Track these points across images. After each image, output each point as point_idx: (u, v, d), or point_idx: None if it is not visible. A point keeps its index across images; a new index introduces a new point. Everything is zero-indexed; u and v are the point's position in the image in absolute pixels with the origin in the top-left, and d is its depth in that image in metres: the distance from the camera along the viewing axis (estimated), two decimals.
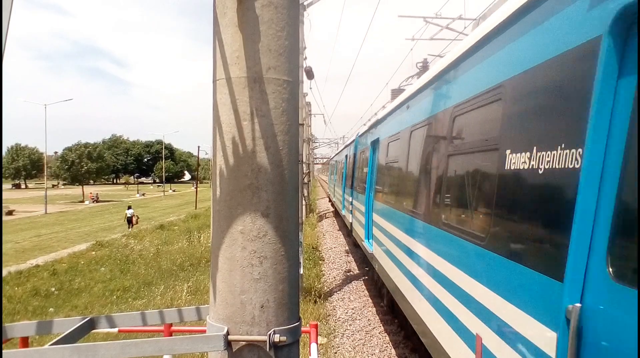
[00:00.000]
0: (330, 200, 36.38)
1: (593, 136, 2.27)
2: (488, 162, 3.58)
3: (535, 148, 2.79)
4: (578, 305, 2.22)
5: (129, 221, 29.65)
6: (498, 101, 3.47)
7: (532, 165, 2.82)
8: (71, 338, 2.68)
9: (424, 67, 11.13)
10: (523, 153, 2.97)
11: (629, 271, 2.02)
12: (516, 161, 3.05)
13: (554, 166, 2.59)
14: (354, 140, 16.72)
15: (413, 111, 6.62)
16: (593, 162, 2.24)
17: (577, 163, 2.35)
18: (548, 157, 2.65)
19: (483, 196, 3.64)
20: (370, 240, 9.85)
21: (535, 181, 2.79)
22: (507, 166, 3.17)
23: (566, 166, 2.46)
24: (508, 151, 3.16)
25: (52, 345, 2.44)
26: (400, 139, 7.39)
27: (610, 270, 2.08)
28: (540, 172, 2.73)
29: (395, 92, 11.70)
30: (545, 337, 2.51)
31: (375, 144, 10.51)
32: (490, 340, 3.24)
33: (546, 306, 2.53)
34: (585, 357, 2.21)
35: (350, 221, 15.45)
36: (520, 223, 2.98)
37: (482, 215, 3.60)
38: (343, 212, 18.49)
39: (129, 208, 31.14)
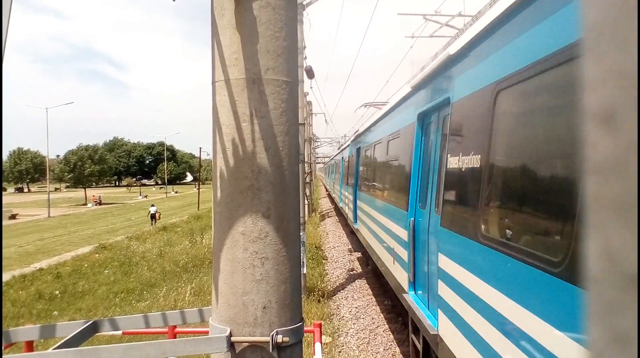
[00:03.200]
0: (330, 196, 43.78)
1: (414, 163, 6.19)
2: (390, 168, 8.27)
3: (398, 163, 7.41)
4: (412, 219, 6.06)
5: (152, 217, 32.64)
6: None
7: (401, 169, 7.16)
8: (75, 341, 2.69)
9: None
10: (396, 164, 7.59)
11: (425, 205, 5.65)
12: (398, 167, 7.43)
13: (403, 169, 6.88)
14: (348, 144, 20.38)
15: (378, 130, 10.68)
16: (414, 170, 6.18)
17: (409, 169, 6.37)
18: (400, 166, 7.23)
19: (390, 184, 8.30)
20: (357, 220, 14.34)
21: (399, 173, 7.32)
22: (396, 168, 7.61)
23: (405, 170, 6.69)
24: (395, 163, 7.72)
25: (55, 348, 2.45)
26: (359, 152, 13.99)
27: (419, 204, 5.95)
28: (405, 170, 6.77)
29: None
30: (405, 234, 6.33)
31: (359, 150, 14.61)
32: (391, 242, 7.64)
33: (405, 222, 6.34)
34: (415, 238, 5.93)
35: (341, 205, 22.61)
36: (395, 192, 7.53)
37: (391, 193, 8.07)
38: (340, 204, 23.15)
39: (153, 205, 34.82)
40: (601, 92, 0.27)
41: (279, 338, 2.43)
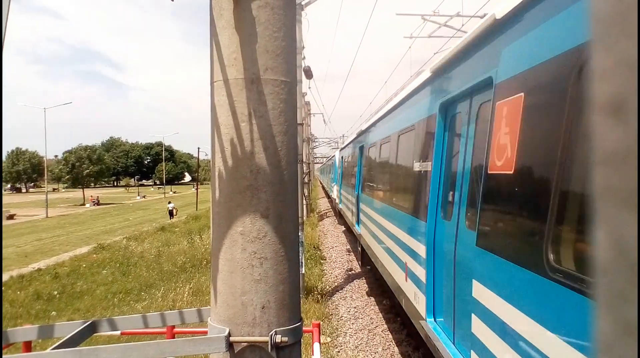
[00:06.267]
0: (324, 190, 55.06)
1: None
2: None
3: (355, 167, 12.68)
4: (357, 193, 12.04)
5: (170, 213, 36.85)
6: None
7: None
8: (73, 341, 2.68)
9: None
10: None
11: (362, 189, 11.54)
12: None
13: (354, 170, 14.37)
14: (333, 158, 33.30)
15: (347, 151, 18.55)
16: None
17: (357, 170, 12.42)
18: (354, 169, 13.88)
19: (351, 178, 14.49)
20: (340, 199, 21.74)
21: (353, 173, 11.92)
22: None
23: (355, 170, 13.31)
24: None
25: (53, 349, 2.45)
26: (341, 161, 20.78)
27: (360, 187, 12.32)
28: (355, 170, 13.18)
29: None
30: (354, 199, 13.00)
31: (340, 160, 22.86)
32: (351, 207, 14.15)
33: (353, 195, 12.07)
34: (358, 203, 12.02)
35: (331, 193, 33.31)
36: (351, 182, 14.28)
37: (349, 181, 15.49)
38: (330, 193, 34.65)
39: (170, 202, 39.17)
40: (610, 83, 0.27)
41: (278, 338, 2.42)
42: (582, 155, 2.45)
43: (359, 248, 13.19)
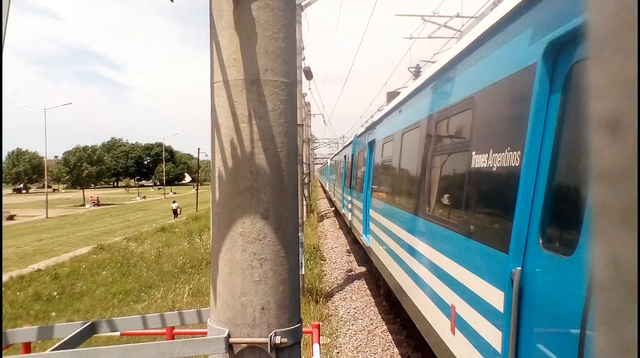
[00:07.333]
0: (323, 187, 61.79)
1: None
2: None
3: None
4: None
5: (175, 212, 38.24)
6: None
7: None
8: (72, 342, 2.68)
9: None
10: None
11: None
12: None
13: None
14: (327, 162, 47.03)
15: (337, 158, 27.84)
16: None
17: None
18: (340, 169, 24.68)
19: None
20: (330, 190, 36.72)
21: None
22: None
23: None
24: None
25: (53, 350, 2.44)
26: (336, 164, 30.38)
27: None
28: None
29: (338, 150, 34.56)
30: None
31: (333, 164, 34.27)
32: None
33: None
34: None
35: (326, 187, 48.00)
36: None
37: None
38: (326, 187, 45.15)
39: (174, 202, 40.52)
40: (606, 100, 0.27)
41: (278, 339, 2.42)
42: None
43: (334, 207, 28.28)
